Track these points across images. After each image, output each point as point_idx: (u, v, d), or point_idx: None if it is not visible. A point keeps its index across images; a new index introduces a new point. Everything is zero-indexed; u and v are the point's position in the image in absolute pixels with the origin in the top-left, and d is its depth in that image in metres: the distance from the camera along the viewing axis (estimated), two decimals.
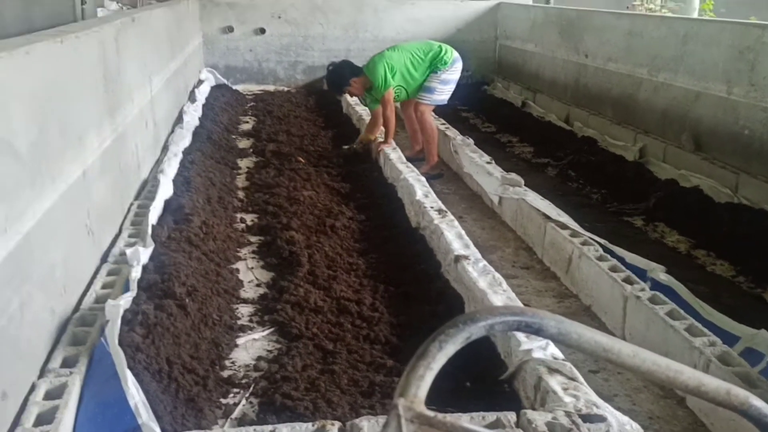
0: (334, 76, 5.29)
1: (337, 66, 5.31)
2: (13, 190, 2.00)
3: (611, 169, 5.13)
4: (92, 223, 2.88)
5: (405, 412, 0.70)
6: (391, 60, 5.09)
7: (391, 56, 5.13)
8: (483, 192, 4.74)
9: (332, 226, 3.85)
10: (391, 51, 5.21)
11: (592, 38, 6.65)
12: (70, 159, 2.63)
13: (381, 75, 5.05)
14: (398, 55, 5.13)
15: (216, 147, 5.54)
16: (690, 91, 5.03)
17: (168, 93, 5.53)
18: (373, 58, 5.23)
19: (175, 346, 2.46)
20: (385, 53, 5.20)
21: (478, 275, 2.89)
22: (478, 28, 9.21)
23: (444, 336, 0.77)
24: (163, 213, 3.73)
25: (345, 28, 9.07)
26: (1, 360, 1.84)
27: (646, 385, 2.55)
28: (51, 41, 2.51)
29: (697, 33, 5.01)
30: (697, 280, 3.30)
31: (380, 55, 5.19)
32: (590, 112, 6.48)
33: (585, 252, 3.26)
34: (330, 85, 5.48)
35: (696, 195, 4.40)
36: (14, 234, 1.98)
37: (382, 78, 5.05)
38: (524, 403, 2.21)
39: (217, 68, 8.75)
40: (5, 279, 1.89)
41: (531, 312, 0.80)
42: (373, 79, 5.10)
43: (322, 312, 2.90)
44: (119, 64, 3.65)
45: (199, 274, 3.06)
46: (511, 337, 2.38)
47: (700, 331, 2.51)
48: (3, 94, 1.97)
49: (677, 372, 0.84)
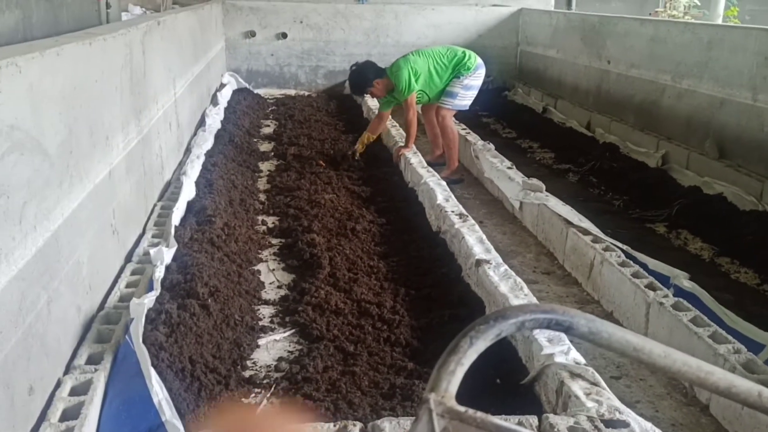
0: (357, 76, 5.24)
1: (360, 66, 5.27)
2: (42, 189, 2.03)
3: (633, 176, 5.09)
4: (117, 223, 2.92)
5: (436, 406, 0.70)
6: (415, 64, 5.08)
7: (416, 60, 5.11)
8: (504, 197, 4.73)
9: (353, 229, 3.86)
10: (416, 55, 5.18)
11: (615, 44, 6.61)
12: (98, 159, 2.66)
13: (405, 79, 5.04)
14: (422, 60, 5.12)
15: (238, 150, 5.59)
16: (714, 98, 4.99)
17: (191, 96, 5.59)
18: (398, 62, 5.19)
19: (197, 346, 2.48)
20: (409, 57, 5.17)
21: (499, 279, 2.89)
22: (499, 33, 9.20)
23: (475, 332, 0.77)
24: (186, 214, 3.77)
25: (366, 33, 9.11)
26: (28, 355, 1.86)
27: (668, 392, 2.53)
28: (80, 43, 2.55)
29: (722, 39, 4.97)
30: (721, 287, 3.27)
31: (405, 59, 5.16)
32: (612, 119, 6.45)
33: (607, 258, 3.25)
34: (352, 85, 5.43)
35: (720, 202, 4.35)
36: (43, 231, 2.01)
37: (406, 82, 5.05)
38: (545, 408, 2.20)
39: (239, 72, 8.82)
40: (34, 275, 1.92)
41: (561, 310, 0.80)
42: (397, 83, 5.08)
43: (343, 314, 2.91)
44: (145, 66, 3.69)
45: (221, 275, 3.09)
46: (533, 341, 2.37)
47: (724, 339, 2.49)
48: (34, 94, 2.00)
49: (708, 373, 0.83)
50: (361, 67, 5.26)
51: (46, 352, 2.01)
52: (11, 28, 3.61)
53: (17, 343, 1.78)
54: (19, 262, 1.82)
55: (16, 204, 1.82)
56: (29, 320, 1.87)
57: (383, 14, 9.09)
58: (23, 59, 1.92)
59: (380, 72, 5.20)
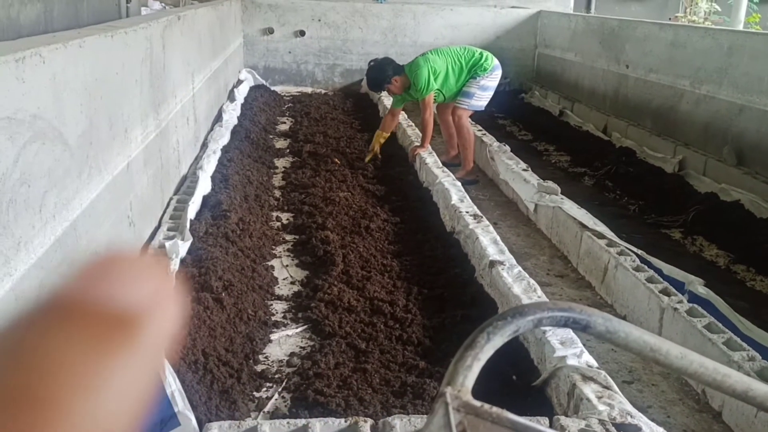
0: (377, 72, 5.18)
1: (379, 62, 5.23)
2: (62, 178, 2.06)
3: (650, 181, 5.07)
4: (134, 215, 2.95)
5: (452, 400, 0.70)
6: (435, 63, 5.07)
7: (435, 60, 5.10)
8: (518, 199, 4.72)
9: (367, 227, 3.86)
10: (435, 54, 5.16)
11: (634, 48, 6.58)
12: (116, 151, 2.69)
13: (425, 78, 5.02)
14: (441, 59, 5.11)
15: (254, 146, 5.61)
16: (733, 104, 4.95)
17: (209, 91, 5.62)
18: (417, 60, 5.16)
19: (210, 339, 2.50)
20: (428, 56, 5.15)
21: (513, 281, 2.88)
22: (517, 35, 9.18)
23: (492, 328, 0.77)
24: (201, 208, 3.80)
25: (384, 33, 9.11)
26: None
27: (681, 398, 2.52)
28: (102, 35, 2.57)
29: (742, 45, 4.93)
30: (736, 295, 3.25)
31: (424, 58, 5.14)
32: (629, 123, 6.41)
33: (621, 262, 3.23)
34: (370, 80, 5.33)
35: (737, 209, 4.32)
36: (62, 220, 2.03)
37: (425, 81, 5.03)
38: (556, 410, 2.19)
39: (257, 69, 8.85)
40: (53, 264, 1.94)
41: (579, 308, 0.80)
42: (416, 81, 5.06)
43: (356, 311, 2.92)
44: (165, 60, 3.72)
45: (235, 269, 3.11)
46: (546, 343, 2.37)
47: (738, 346, 2.47)
48: (57, 85, 2.03)
49: (725, 375, 0.83)
50: (380, 62, 5.22)
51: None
52: (33, 20, 3.65)
53: None
54: (38, 250, 1.84)
55: (36, 192, 1.85)
56: None
57: (401, 14, 9.09)
58: (47, 50, 1.94)
59: (399, 69, 5.16)
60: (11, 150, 1.69)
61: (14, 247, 1.70)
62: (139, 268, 0.24)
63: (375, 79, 5.22)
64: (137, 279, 0.24)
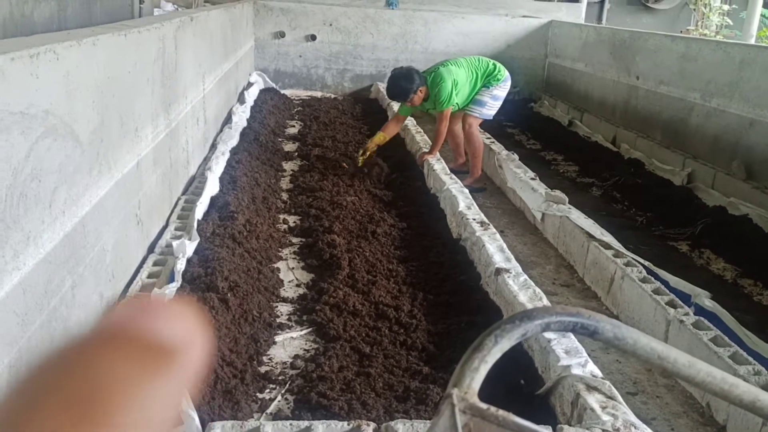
0: (406, 81, 5.00)
1: (407, 71, 5.07)
2: (72, 175, 2.07)
3: (658, 193, 5.05)
4: (142, 214, 2.96)
5: (459, 402, 0.70)
6: (457, 77, 5.02)
7: (458, 72, 5.04)
8: (526, 208, 4.71)
9: (373, 232, 3.87)
10: (455, 66, 5.08)
11: (645, 60, 6.57)
12: (126, 149, 2.70)
13: (448, 92, 4.97)
14: (462, 72, 5.06)
15: (262, 148, 5.62)
16: (744, 118, 4.94)
17: (219, 93, 5.64)
18: (440, 72, 5.04)
19: (215, 339, 2.50)
20: (450, 69, 5.06)
21: (519, 289, 2.88)
22: (528, 45, 9.18)
23: (500, 330, 0.77)
24: (209, 209, 3.81)
25: (395, 39, 9.13)
26: (51, 338, 1.89)
27: (685, 410, 2.50)
28: (116, 34, 2.59)
29: (754, 59, 4.92)
30: (742, 309, 3.23)
31: (447, 71, 5.04)
32: (638, 135, 6.41)
33: (628, 273, 3.22)
34: (397, 89, 5.09)
35: (745, 223, 4.31)
36: (71, 216, 2.04)
37: (447, 95, 4.97)
38: (560, 419, 2.18)
39: (267, 72, 8.88)
40: (61, 259, 1.95)
41: (588, 314, 0.80)
42: (439, 94, 4.99)
43: (361, 315, 2.92)
44: (176, 60, 3.74)
45: (242, 270, 3.11)
46: (550, 352, 2.36)
47: (744, 359, 2.46)
48: (70, 81, 2.04)
49: (732, 385, 0.83)
50: (408, 72, 5.05)
51: (68, 337, 2.03)
52: (46, 18, 3.68)
53: (41, 325, 1.81)
54: (47, 245, 1.85)
55: (47, 188, 1.85)
56: (54, 303, 1.90)
57: (413, 20, 9.11)
58: (61, 47, 1.95)
59: (423, 80, 5.06)
60: (23, 145, 1.70)
61: (24, 241, 1.71)
62: (176, 313, 0.29)
63: (403, 89, 5.03)
64: (173, 321, 0.28)
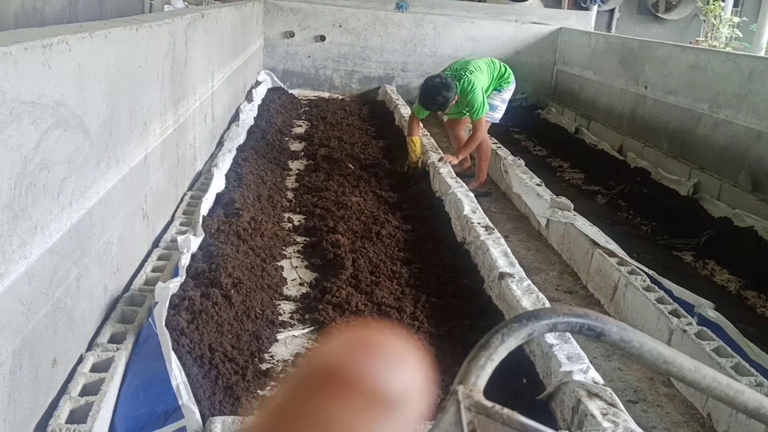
0: (447, 91, 4.85)
1: (446, 81, 4.89)
2: (80, 166, 2.07)
3: (663, 202, 5.05)
4: (148, 208, 2.96)
5: (464, 399, 0.70)
6: (482, 83, 4.99)
7: (480, 78, 5.00)
8: (530, 213, 4.71)
9: (378, 233, 3.87)
10: (477, 72, 5.02)
11: (654, 70, 6.57)
12: (135, 143, 2.71)
13: (480, 100, 4.92)
14: (484, 77, 5.03)
15: (269, 147, 5.63)
16: (752, 130, 4.93)
17: (227, 90, 5.66)
18: (468, 79, 4.94)
19: (217, 334, 2.51)
20: (477, 75, 4.99)
21: (522, 294, 2.87)
22: (537, 51, 9.18)
23: (507, 329, 0.77)
24: (215, 206, 3.82)
25: (404, 42, 9.14)
26: (55, 328, 1.90)
27: (686, 420, 2.50)
28: (127, 28, 2.60)
29: (763, 72, 4.91)
30: (745, 320, 3.23)
31: (475, 77, 4.96)
32: (645, 144, 6.40)
33: (632, 281, 3.22)
34: (440, 98, 4.88)
35: (750, 235, 4.30)
36: (78, 208, 2.05)
37: (480, 103, 4.93)
38: (560, 425, 2.18)
39: (275, 71, 8.89)
40: (67, 250, 1.96)
41: (595, 316, 0.80)
42: (472, 102, 4.92)
43: (363, 316, 2.92)
44: (186, 56, 3.75)
45: (245, 267, 3.11)
46: (552, 357, 2.36)
47: (747, 371, 2.45)
48: (81, 73, 2.05)
49: (737, 392, 0.83)
50: (447, 81, 4.88)
51: (71, 327, 2.04)
52: (57, 12, 3.70)
53: (46, 314, 1.82)
54: (53, 235, 1.86)
55: (55, 178, 1.86)
56: (59, 293, 1.91)
57: (422, 24, 9.12)
58: (74, 38, 1.96)
59: (456, 87, 4.96)
60: (34, 134, 1.71)
61: (31, 230, 1.71)
62: (399, 352, 0.29)
63: (446, 99, 4.89)
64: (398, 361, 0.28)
